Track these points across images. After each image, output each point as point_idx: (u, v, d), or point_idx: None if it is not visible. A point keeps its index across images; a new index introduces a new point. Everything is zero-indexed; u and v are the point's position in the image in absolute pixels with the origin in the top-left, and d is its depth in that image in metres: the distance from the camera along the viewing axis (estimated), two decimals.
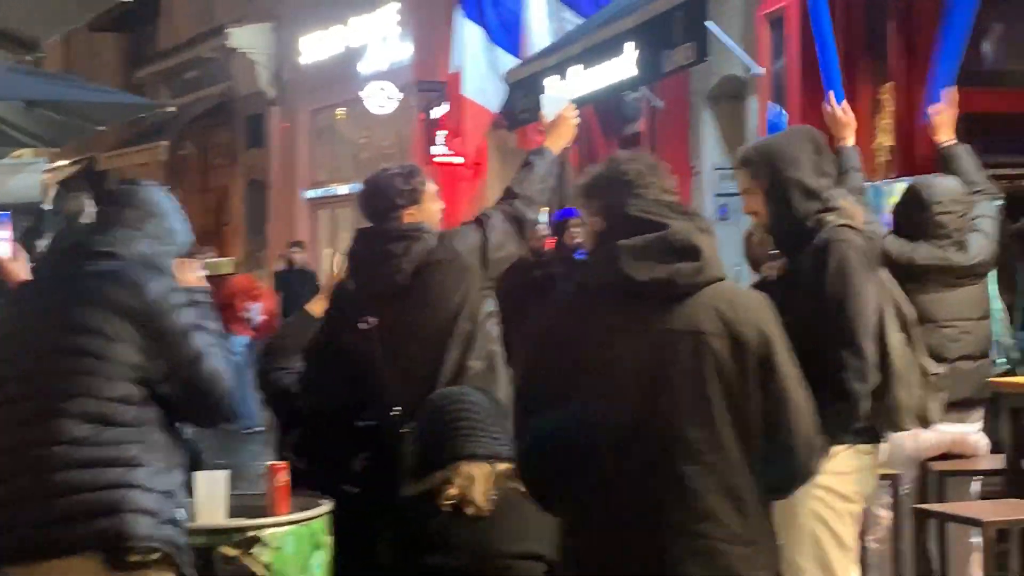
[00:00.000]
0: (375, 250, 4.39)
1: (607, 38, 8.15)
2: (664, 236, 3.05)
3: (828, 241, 3.94)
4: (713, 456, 2.96)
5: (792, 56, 9.99)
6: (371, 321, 4.34)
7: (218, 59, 23.45)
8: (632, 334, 3.02)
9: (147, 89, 25.82)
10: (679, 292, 3.02)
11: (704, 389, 2.97)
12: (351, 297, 4.45)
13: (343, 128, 21.63)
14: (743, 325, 3.02)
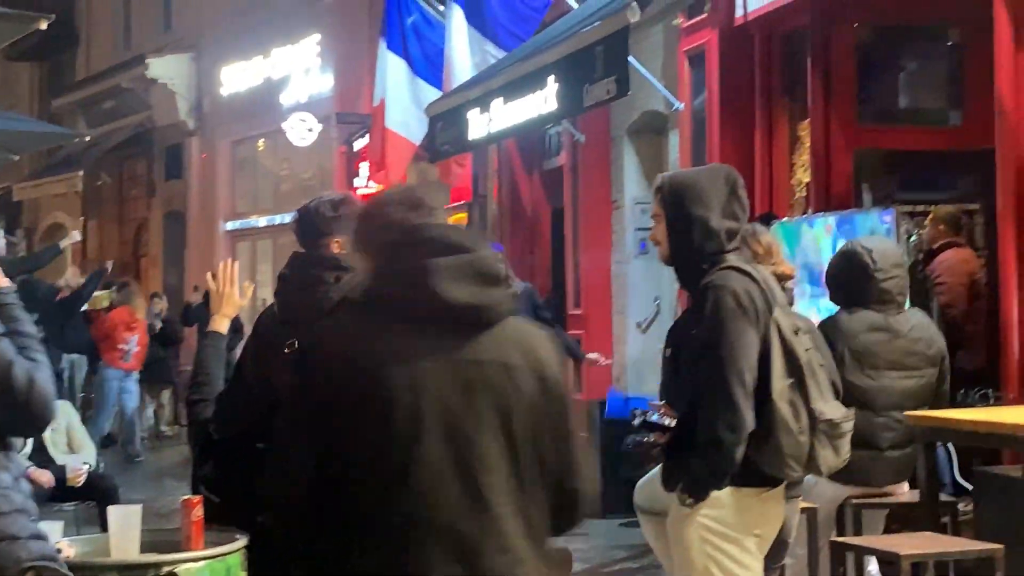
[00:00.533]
0: (306, 275, 4.35)
1: (529, 72, 8.17)
2: (475, 259, 2.86)
3: (707, 285, 3.99)
4: (518, 496, 2.79)
5: (712, 91, 10.10)
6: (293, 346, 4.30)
7: (137, 89, 23.22)
8: (433, 360, 2.78)
9: (64, 118, 25.49)
10: (490, 320, 2.84)
11: (510, 424, 2.78)
12: (275, 322, 4.40)
13: (263, 159, 21.51)
14: (543, 361, 2.87)
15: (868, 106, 9.44)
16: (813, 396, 4.04)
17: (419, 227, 2.94)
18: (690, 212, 4.12)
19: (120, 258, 25.46)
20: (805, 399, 4.02)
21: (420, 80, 11.90)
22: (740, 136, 9.92)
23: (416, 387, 2.75)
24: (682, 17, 10.42)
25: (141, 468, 14.21)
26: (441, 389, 2.76)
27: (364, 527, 2.74)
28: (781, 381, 4.00)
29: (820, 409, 4.03)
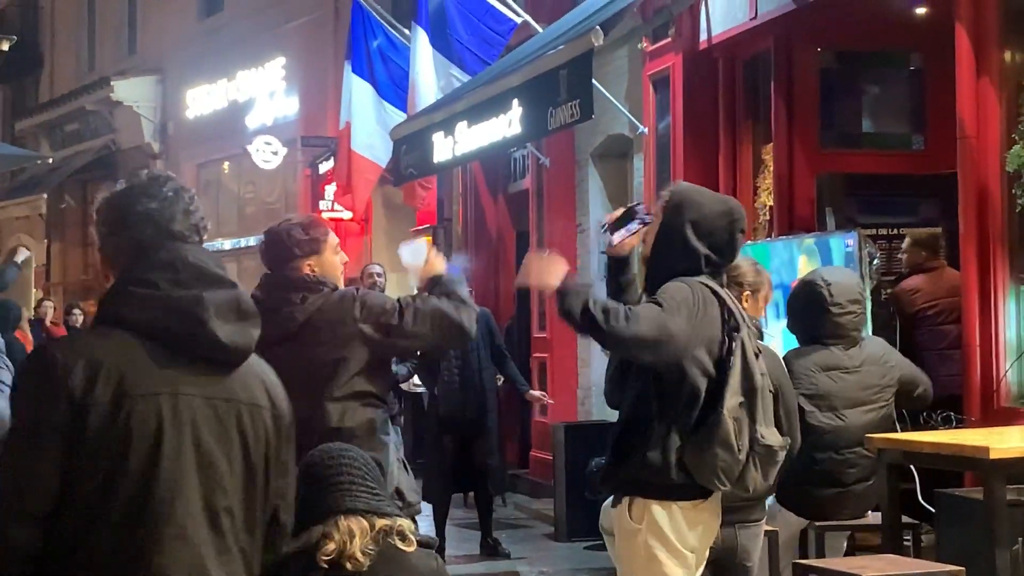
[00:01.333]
0: (273, 296, 4.39)
1: (493, 95, 8.19)
2: (238, 295, 2.82)
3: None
4: (252, 535, 2.77)
5: (676, 115, 10.14)
6: None
7: (101, 111, 23.15)
8: (182, 397, 2.69)
9: (28, 141, 25.38)
10: (245, 358, 2.81)
11: (251, 461, 2.76)
12: None
13: (228, 182, 21.45)
14: (281, 401, 2.87)
15: (831, 130, 9.51)
16: (758, 419, 4.10)
17: (185, 254, 2.80)
18: (682, 226, 4.19)
19: (84, 281, 25.32)
20: (751, 420, 4.08)
21: (386, 103, 11.90)
22: (704, 160, 9.97)
23: (175, 420, 2.67)
24: (646, 41, 10.47)
25: None
26: (197, 424, 2.69)
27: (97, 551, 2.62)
28: (734, 398, 4.05)
29: (761, 432, 4.09)
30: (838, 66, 9.58)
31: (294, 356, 4.26)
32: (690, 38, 9.98)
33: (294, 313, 4.38)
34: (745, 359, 4.10)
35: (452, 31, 10.74)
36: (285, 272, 4.47)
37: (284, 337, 4.30)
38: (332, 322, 4.39)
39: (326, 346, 4.38)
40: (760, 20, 9.18)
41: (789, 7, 8.79)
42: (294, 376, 4.28)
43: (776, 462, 4.14)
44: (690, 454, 4.05)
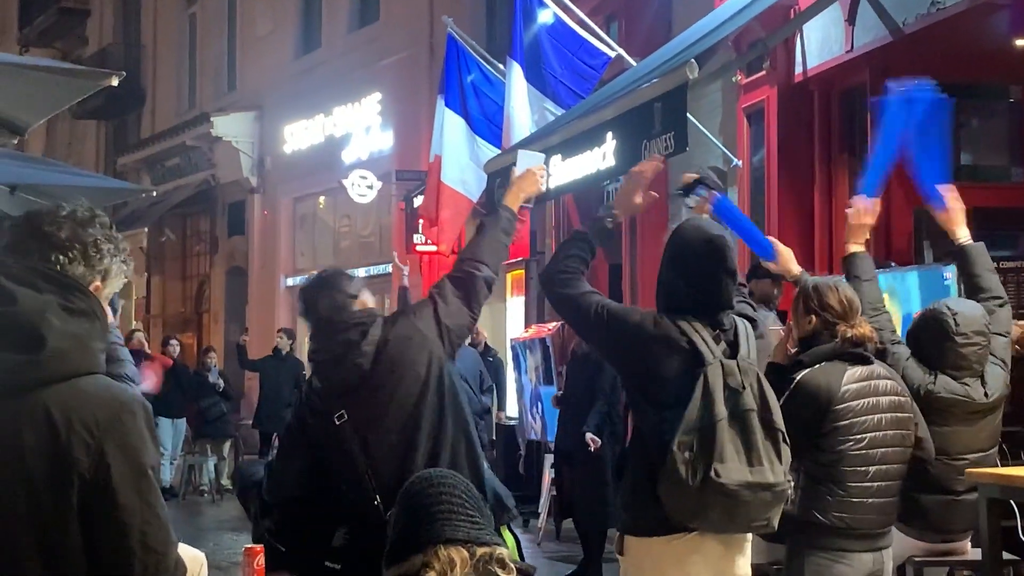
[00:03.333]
0: (334, 342, 4.38)
1: (587, 129, 8.21)
2: (5, 313, 2.63)
3: None
4: None
5: (771, 148, 10.11)
6: (343, 415, 4.34)
7: (201, 147, 23.59)
8: None
9: (129, 176, 25.93)
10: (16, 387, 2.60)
11: (9, 525, 2.58)
12: (318, 396, 4.43)
13: (324, 216, 21.72)
14: (76, 445, 2.60)
15: None
16: (721, 455, 4.00)
17: None
18: (665, 262, 4.31)
19: (183, 314, 25.77)
20: (707, 456, 4.00)
21: (478, 138, 12.00)
22: (799, 193, 9.93)
23: None
24: (740, 75, 10.46)
25: (201, 521, 14.29)
26: None
27: None
28: (686, 435, 4.01)
29: (717, 470, 3.99)
30: None
31: (378, 391, 4.30)
32: (785, 71, 9.96)
33: (363, 349, 4.32)
34: (707, 394, 4.04)
35: (546, 66, 10.80)
36: (337, 317, 4.38)
37: (361, 377, 4.32)
38: (401, 341, 4.36)
39: (404, 367, 4.34)
40: (856, 52, 9.14)
41: (886, 39, 8.74)
42: (384, 409, 4.34)
43: (741, 502, 4.02)
44: (649, 491, 4.09)
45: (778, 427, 4.10)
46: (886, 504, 4.73)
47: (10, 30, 34.13)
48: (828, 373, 4.67)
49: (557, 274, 4.40)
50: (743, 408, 4.07)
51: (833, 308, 4.80)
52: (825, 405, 4.62)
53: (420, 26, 17.96)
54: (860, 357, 4.75)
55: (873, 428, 4.67)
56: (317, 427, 4.39)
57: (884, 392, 4.72)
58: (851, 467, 4.64)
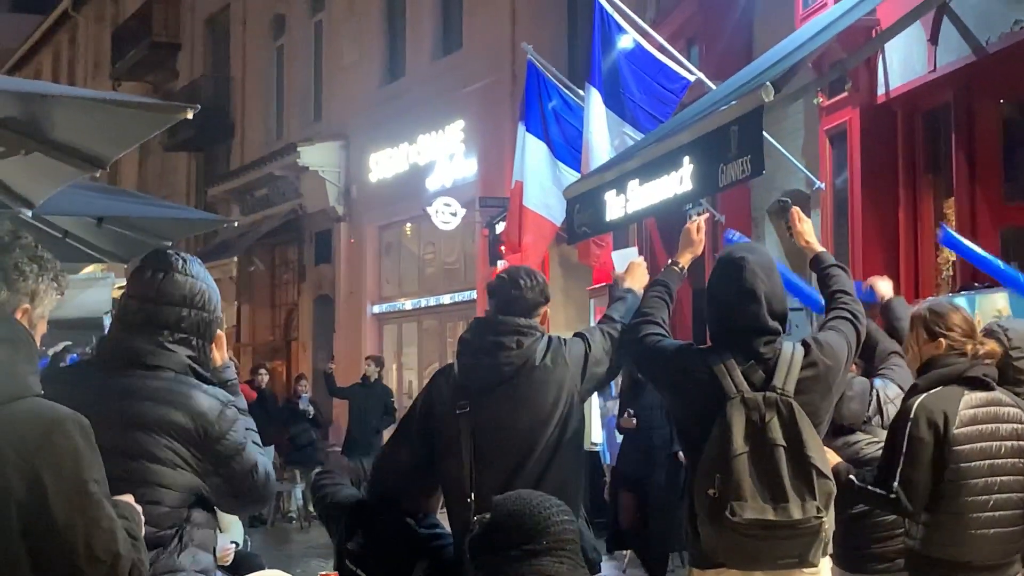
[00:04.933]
0: (488, 339, 4.38)
1: (664, 153, 8.18)
2: None
3: None
4: None
5: (854, 170, 10.00)
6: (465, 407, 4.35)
7: (288, 176, 23.87)
8: None
9: (219, 206, 26.30)
10: None
11: None
12: (451, 383, 4.44)
13: (409, 243, 21.86)
14: (9, 471, 2.66)
15: (1015, 183, 9.25)
16: (738, 492, 3.98)
17: None
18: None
19: (272, 342, 26.04)
20: (727, 493, 3.99)
21: (560, 163, 12.02)
22: (883, 214, 9.80)
23: None
24: (822, 96, 10.37)
25: (290, 548, 14.40)
26: None
27: None
28: (704, 476, 4.04)
29: (734, 508, 3.97)
30: (1021, 118, 9.33)
31: (509, 402, 4.31)
32: (867, 92, 9.86)
33: (511, 357, 4.34)
34: (725, 430, 4.01)
35: (625, 91, 10.79)
36: (508, 316, 4.39)
37: (498, 382, 4.36)
38: (547, 367, 4.38)
39: (541, 392, 4.35)
40: (940, 72, 9.02)
41: (970, 59, 8.62)
42: (508, 422, 4.35)
43: (758, 539, 3.99)
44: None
45: (813, 462, 4.02)
46: (1008, 534, 4.59)
47: (103, 65, 34.87)
48: (944, 398, 4.56)
49: (635, 326, 4.53)
50: (768, 443, 4.01)
51: (959, 327, 4.72)
52: (943, 430, 4.51)
53: (502, 53, 18.04)
54: (980, 382, 4.64)
55: (992, 456, 4.55)
56: (439, 414, 4.40)
57: (1006, 420, 4.60)
58: (971, 497, 4.52)
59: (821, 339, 4.28)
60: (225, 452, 3.43)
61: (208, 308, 3.62)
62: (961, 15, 8.64)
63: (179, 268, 3.61)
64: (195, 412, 3.42)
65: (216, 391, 3.52)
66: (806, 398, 4.11)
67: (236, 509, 3.79)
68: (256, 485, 3.50)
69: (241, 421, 3.52)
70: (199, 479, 3.42)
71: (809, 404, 4.11)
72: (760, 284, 4.19)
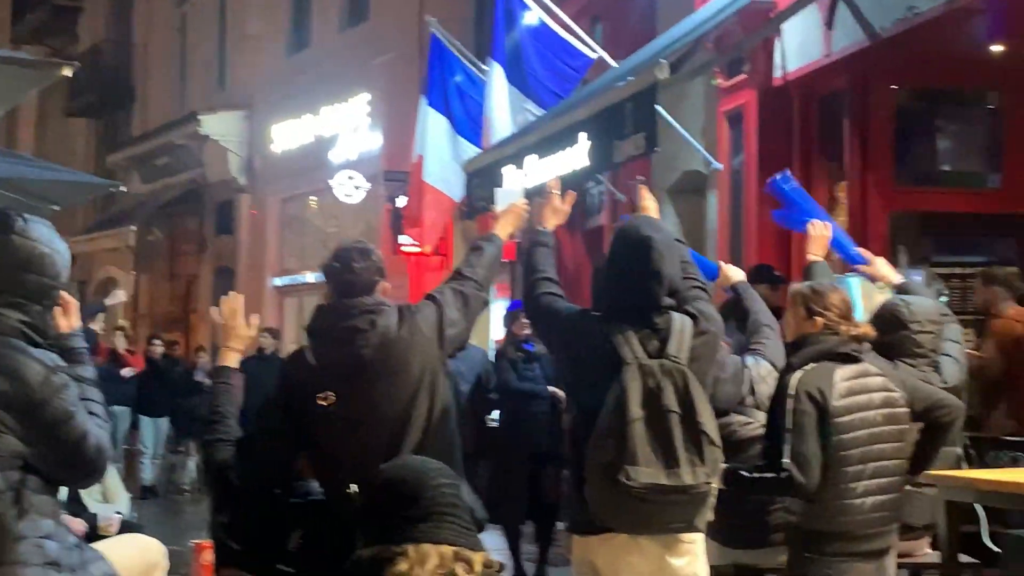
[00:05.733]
0: (339, 326, 4.33)
1: (561, 128, 8.22)
2: None
3: None
4: None
5: (750, 152, 10.11)
6: (330, 396, 4.30)
7: (190, 146, 23.56)
8: None
9: (119, 174, 25.87)
10: None
11: None
12: (310, 373, 4.38)
13: (312, 216, 21.70)
14: None
15: (906, 168, 9.43)
16: (634, 457, 4.01)
17: None
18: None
19: (170, 313, 25.73)
20: (621, 458, 4.01)
21: (460, 138, 12.00)
22: None
23: None
24: (721, 78, 10.46)
25: (182, 520, 14.26)
26: None
27: None
28: (600, 437, 4.04)
29: (629, 472, 4.00)
30: (914, 104, 9.50)
31: (373, 383, 4.26)
32: (764, 75, 9.96)
33: (368, 339, 4.28)
34: (621, 396, 4.04)
35: (528, 66, 10.81)
36: (354, 299, 4.33)
37: (358, 365, 4.28)
38: (404, 340, 4.33)
39: (403, 366, 4.31)
40: (835, 57, 9.14)
41: (864, 44, 8.74)
42: (376, 402, 4.31)
43: (652, 503, 4.02)
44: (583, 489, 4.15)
45: (703, 428, 4.07)
46: (886, 502, 4.68)
47: (3, 28, 34.11)
48: (820, 374, 4.63)
49: (532, 284, 4.50)
50: (662, 409, 4.05)
51: (836, 307, 4.79)
52: (824, 406, 4.57)
53: (410, 26, 17.93)
54: (849, 356, 4.72)
55: (871, 424, 4.62)
56: (301, 404, 4.34)
57: (877, 389, 4.68)
58: (848, 467, 4.58)
59: (702, 308, 4.32)
60: (49, 419, 3.33)
61: (49, 273, 3.49)
62: (857, 1, 8.76)
63: (17, 230, 3.47)
64: (17, 376, 3.32)
65: (45, 356, 3.41)
66: (697, 366, 4.17)
67: (68, 480, 3.66)
68: (86, 456, 3.40)
69: (71, 389, 3.41)
70: (24, 446, 3.34)
71: (699, 372, 4.17)
72: (665, 266, 4.23)
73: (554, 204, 4.74)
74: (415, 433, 4.27)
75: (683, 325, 4.21)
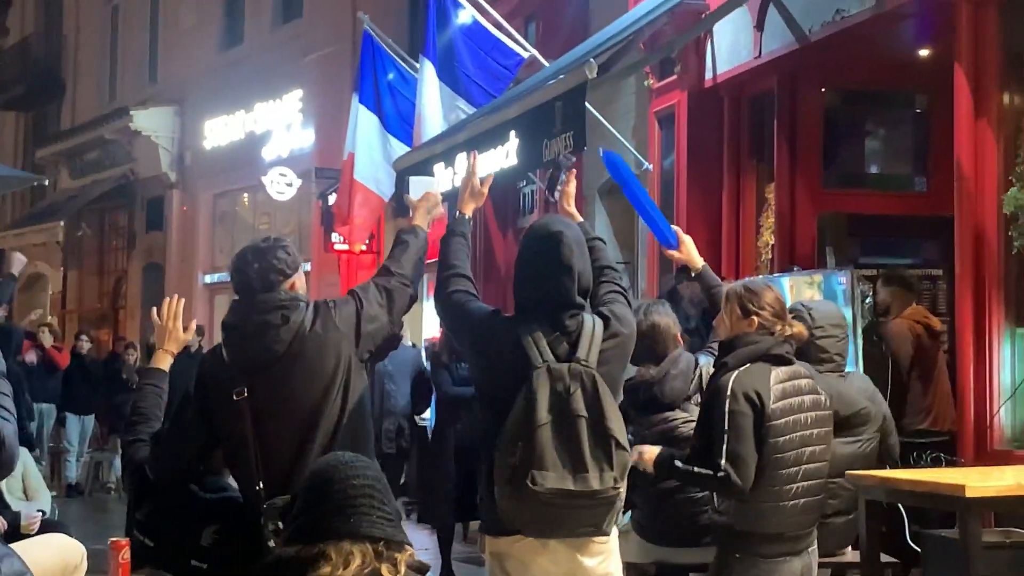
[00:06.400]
0: (252, 321, 4.27)
1: (491, 127, 8.20)
2: None
3: None
4: None
5: (680, 152, 10.15)
6: (242, 393, 4.25)
7: (120, 141, 23.32)
8: None
9: (48, 169, 25.57)
10: None
11: None
12: (223, 368, 4.33)
13: (244, 213, 21.54)
14: None
15: (834, 170, 9.50)
16: (541, 461, 3.99)
17: None
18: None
19: (99, 309, 25.44)
20: (528, 462, 3.99)
21: (390, 136, 11.94)
22: (707, 197, 9.97)
23: None
24: (652, 79, 10.49)
25: (107, 518, 14.09)
26: None
27: None
28: (508, 440, 4.02)
29: (535, 477, 3.98)
30: (842, 106, 9.58)
31: (285, 378, 4.20)
32: (695, 76, 10.00)
33: (280, 335, 4.22)
34: (530, 399, 4.02)
35: (459, 64, 10.78)
36: (265, 295, 4.26)
37: (270, 360, 4.22)
38: (318, 335, 4.25)
39: (316, 361, 4.24)
40: (764, 59, 9.20)
41: (793, 46, 8.80)
42: (288, 398, 4.26)
43: (558, 508, 4.00)
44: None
45: (612, 433, 4.04)
46: (813, 503, 4.69)
47: None
48: (755, 375, 4.61)
49: (444, 280, 4.43)
50: (571, 413, 4.02)
51: (771, 307, 4.76)
52: (760, 408, 4.55)
53: (343, 24, 17.85)
54: (782, 358, 4.71)
55: (801, 427, 4.62)
56: (215, 399, 4.29)
57: (807, 391, 4.68)
58: (783, 469, 4.58)
59: (616, 311, 4.29)
60: None
61: None
62: (786, 3, 8.82)
63: None
64: None
65: None
66: (606, 369, 4.13)
67: None
68: None
69: None
70: None
71: (609, 375, 4.14)
72: (576, 260, 4.19)
73: (473, 185, 4.68)
74: (326, 428, 4.20)
75: (594, 328, 4.17)
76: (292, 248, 4.46)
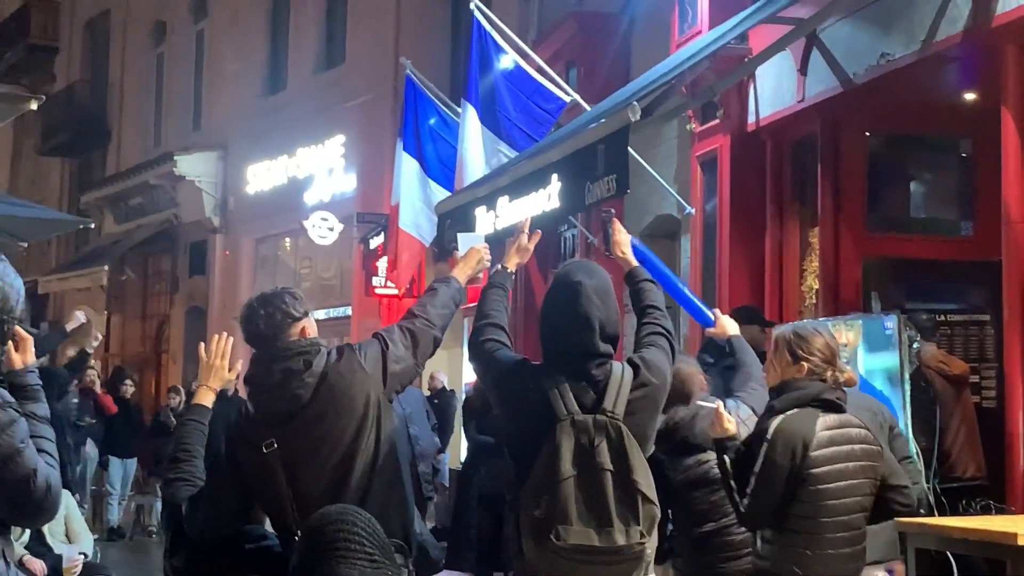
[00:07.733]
0: (275, 370, 4.21)
1: (533, 170, 8.19)
2: None
3: None
4: None
5: (723, 196, 10.11)
6: (272, 444, 4.21)
7: (164, 186, 23.50)
8: None
9: (92, 213, 25.77)
10: None
11: None
12: (249, 422, 4.29)
13: (285, 257, 21.63)
14: None
15: (878, 214, 9.42)
16: (565, 516, 3.93)
17: None
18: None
19: (142, 353, 25.56)
20: (552, 516, 3.93)
21: (431, 181, 11.99)
22: (751, 241, 9.91)
23: None
24: (695, 122, 10.47)
25: (148, 562, 14.09)
26: None
27: None
28: (533, 493, 3.96)
29: (559, 532, 3.92)
30: (886, 150, 9.51)
31: (313, 424, 4.15)
32: (738, 120, 9.97)
33: (304, 379, 4.16)
34: (554, 452, 3.95)
35: (501, 109, 10.80)
36: (280, 342, 4.20)
37: (297, 407, 4.17)
38: (344, 377, 4.21)
39: (344, 404, 4.19)
40: (808, 103, 9.15)
41: (837, 90, 8.76)
42: (318, 443, 4.23)
43: (581, 564, 3.93)
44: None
45: (639, 487, 3.96)
46: (859, 551, 4.63)
47: None
48: (802, 420, 4.57)
49: (478, 329, 4.40)
50: (596, 467, 3.95)
51: (821, 352, 4.71)
52: (802, 453, 4.52)
53: (384, 69, 17.97)
54: (832, 405, 4.66)
55: (848, 476, 4.57)
56: (244, 454, 4.27)
57: (857, 440, 4.63)
58: (829, 518, 4.53)
59: (647, 358, 4.22)
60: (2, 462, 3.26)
61: (1, 307, 3.44)
62: (830, 47, 8.78)
63: None
64: None
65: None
66: (635, 419, 4.06)
67: (15, 519, 3.56)
68: (33, 495, 3.32)
69: (20, 425, 3.33)
70: None
71: (638, 425, 4.06)
72: (595, 310, 4.12)
73: (520, 243, 4.66)
74: (362, 469, 4.16)
75: (622, 377, 4.10)
76: (299, 293, 4.44)
